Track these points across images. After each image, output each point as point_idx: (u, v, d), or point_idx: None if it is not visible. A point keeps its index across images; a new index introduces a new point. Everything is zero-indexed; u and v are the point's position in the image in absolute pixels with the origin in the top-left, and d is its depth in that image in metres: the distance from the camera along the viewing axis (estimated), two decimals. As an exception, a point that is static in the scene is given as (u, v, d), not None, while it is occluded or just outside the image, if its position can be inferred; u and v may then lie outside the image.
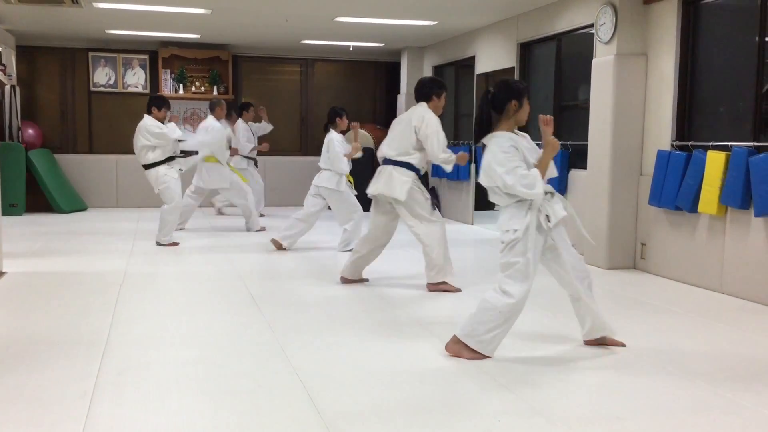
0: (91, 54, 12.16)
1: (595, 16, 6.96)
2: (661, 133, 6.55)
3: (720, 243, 5.89)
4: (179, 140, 8.07)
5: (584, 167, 7.32)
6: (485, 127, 4.11)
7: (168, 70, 12.23)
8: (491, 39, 9.70)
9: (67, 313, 5.07)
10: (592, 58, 7.11)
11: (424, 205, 5.81)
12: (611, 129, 6.76)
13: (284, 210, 10.79)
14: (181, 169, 8.16)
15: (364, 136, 12.20)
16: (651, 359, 4.11)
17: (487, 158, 4.03)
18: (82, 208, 11.56)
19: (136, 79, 12.34)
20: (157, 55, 12.18)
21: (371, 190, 5.89)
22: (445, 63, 11.38)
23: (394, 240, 6.15)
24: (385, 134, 5.97)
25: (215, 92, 12.31)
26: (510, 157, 3.96)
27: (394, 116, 12.74)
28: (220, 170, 8.95)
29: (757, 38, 5.65)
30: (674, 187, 6.17)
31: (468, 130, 10.59)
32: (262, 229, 9.18)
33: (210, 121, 9.08)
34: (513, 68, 9.08)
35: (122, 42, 11.96)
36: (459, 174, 10.31)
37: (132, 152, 8.13)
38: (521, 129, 4.22)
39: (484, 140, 4.11)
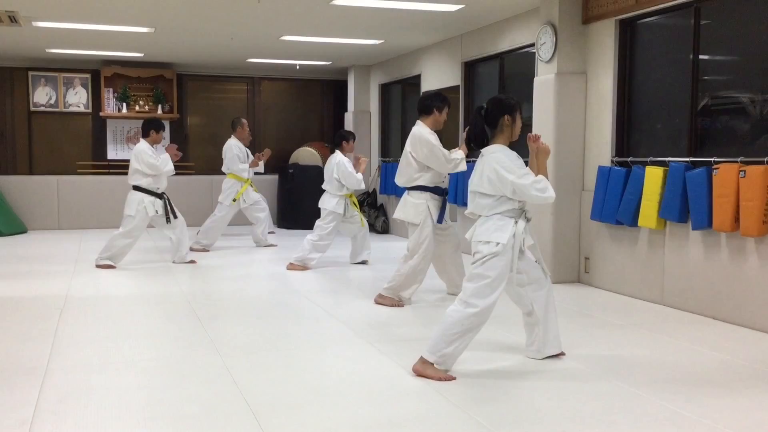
0: (30, 73, 11.91)
1: (536, 35, 7.10)
2: (602, 149, 6.71)
3: (660, 256, 6.03)
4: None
5: (529, 183, 7.42)
6: (479, 141, 4.21)
7: (111, 89, 12.05)
8: (436, 58, 9.81)
9: (4, 339, 4.92)
10: (533, 77, 7.25)
11: (431, 230, 5.87)
12: (553, 146, 6.87)
13: (244, 228, 10.66)
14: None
15: (312, 154, 12.19)
16: (596, 371, 4.18)
17: (490, 167, 4.06)
18: (22, 231, 11.24)
19: (77, 99, 12.12)
20: (99, 74, 11.99)
21: (396, 216, 6.06)
22: (391, 81, 11.47)
23: (340, 258, 6.14)
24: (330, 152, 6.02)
25: (159, 111, 12.17)
26: (519, 164, 4.07)
27: (342, 134, 12.81)
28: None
29: (691, 56, 5.84)
30: (615, 202, 6.31)
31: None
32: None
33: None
34: (458, 86, 9.20)
35: (63, 61, 11.74)
36: (406, 191, 10.36)
37: (73, 172, 7.98)
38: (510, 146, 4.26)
39: (482, 153, 4.18)
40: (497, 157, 4.08)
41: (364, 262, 8.14)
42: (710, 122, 5.87)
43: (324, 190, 7.99)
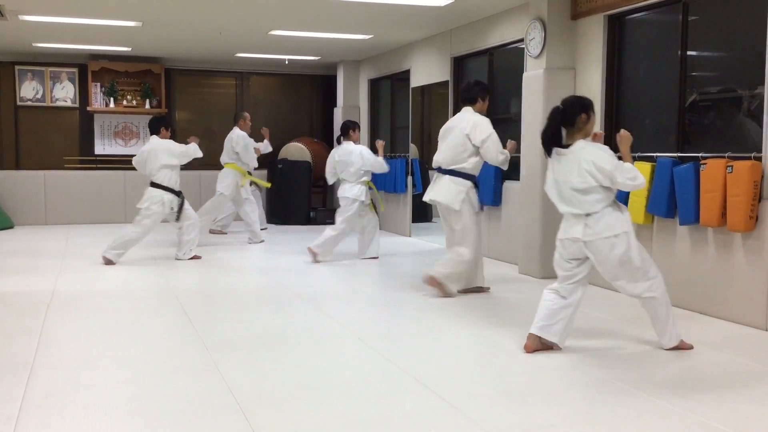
0: (17, 67, 11.83)
1: (525, 31, 7.11)
2: (591, 144, 6.71)
3: (647, 251, 6.03)
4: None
5: (517, 179, 7.45)
6: (556, 140, 4.32)
7: (98, 84, 11.98)
8: (426, 53, 9.80)
9: (-10, 335, 4.89)
10: (522, 72, 7.25)
11: (472, 217, 5.95)
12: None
13: (236, 224, 10.63)
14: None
15: (301, 150, 12.16)
16: (585, 367, 4.19)
17: (586, 161, 4.20)
18: (9, 226, 11.16)
19: (64, 93, 12.05)
20: (86, 69, 11.92)
21: (427, 197, 6.07)
22: (381, 76, 11.45)
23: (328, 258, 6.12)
24: (321, 147, 5.99)
25: (147, 106, 12.11)
26: (611, 154, 4.24)
27: (331, 129, 12.84)
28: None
29: (679, 52, 5.85)
30: (604, 198, 6.31)
31: (404, 142, 10.66)
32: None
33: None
34: (447, 82, 9.20)
35: (50, 55, 11.66)
36: (396, 186, 10.37)
37: (60, 167, 7.92)
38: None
39: (565, 152, 4.28)
40: (590, 150, 4.24)
41: (374, 258, 8.12)
42: (698, 118, 5.90)
43: (328, 184, 8.35)
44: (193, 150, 8.08)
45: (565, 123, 4.33)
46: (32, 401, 3.56)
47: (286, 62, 12.20)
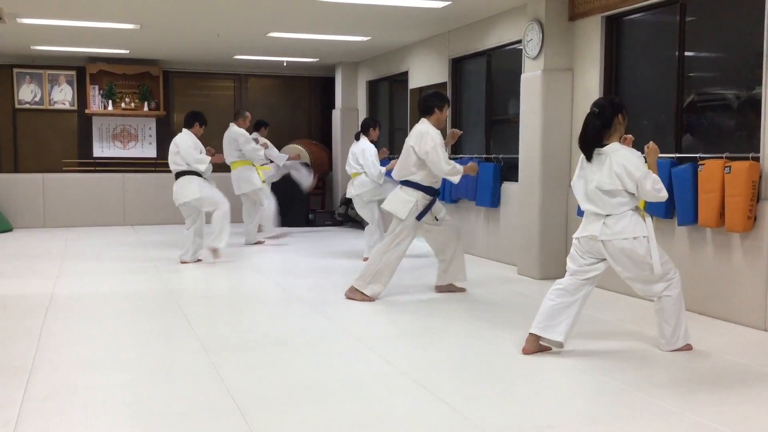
0: (15, 70, 11.83)
1: (523, 32, 7.11)
2: (589, 145, 6.72)
3: (646, 252, 6.04)
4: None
5: (516, 180, 7.45)
6: (597, 141, 4.35)
7: (96, 86, 11.98)
8: (424, 54, 9.81)
9: (-11, 338, 4.89)
10: (520, 73, 7.26)
11: (409, 226, 5.94)
12: (540, 142, 6.90)
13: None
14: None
15: (300, 151, 12.16)
16: (583, 367, 4.19)
17: (618, 164, 4.24)
18: (7, 229, 11.16)
19: (63, 96, 12.05)
20: (84, 71, 11.92)
21: (383, 206, 6.13)
22: (379, 78, 11.46)
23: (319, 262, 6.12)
24: (320, 149, 6.01)
25: (146, 108, 12.11)
26: (642, 162, 4.30)
27: (330, 131, 12.85)
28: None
29: (677, 52, 5.86)
30: (602, 198, 6.32)
31: (402, 144, 10.64)
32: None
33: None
34: (445, 83, 9.20)
35: (48, 58, 11.66)
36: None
37: (59, 170, 7.87)
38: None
39: (603, 152, 4.31)
40: (624, 154, 4.27)
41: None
42: (696, 118, 5.90)
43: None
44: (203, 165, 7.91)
45: (604, 125, 4.36)
46: (31, 404, 3.56)
47: (285, 64, 12.21)
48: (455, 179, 6.02)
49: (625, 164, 4.23)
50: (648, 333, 4.98)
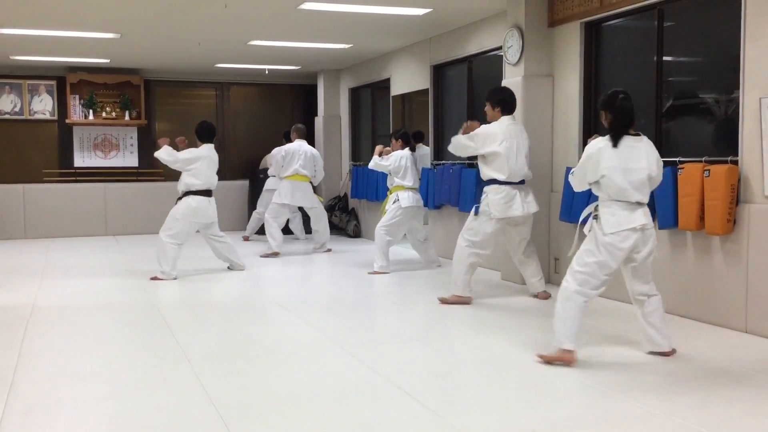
0: (-6, 80, 11.74)
1: (503, 39, 7.15)
2: (569, 150, 6.77)
3: (628, 255, 6.08)
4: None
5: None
6: (630, 126, 4.43)
7: (77, 96, 11.90)
8: (405, 61, 9.84)
9: (-31, 351, 4.83)
10: (501, 80, 7.29)
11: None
12: (522, 148, 6.92)
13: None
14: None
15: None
16: (566, 371, 4.21)
17: (653, 151, 4.38)
18: (-12, 241, 11.06)
19: (43, 106, 11.96)
20: (65, 81, 11.84)
21: (534, 210, 6.31)
22: (361, 85, 11.48)
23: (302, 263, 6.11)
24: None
25: (127, 117, 12.05)
26: None
27: (312, 139, 12.81)
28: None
29: (655, 57, 5.92)
30: (583, 203, 6.33)
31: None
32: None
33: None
34: (427, 90, 9.23)
35: (28, 68, 11.57)
36: (378, 194, 10.36)
37: (39, 181, 7.78)
38: None
39: (638, 140, 4.38)
40: (651, 144, 4.42)
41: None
42: (675, 123, 5.95)
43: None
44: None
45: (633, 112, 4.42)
46: (12, 418, 3.52)
47: (266, 72, 12.19)
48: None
49: (656, 154, 4.38)
50: (629, 337, 5.00)
